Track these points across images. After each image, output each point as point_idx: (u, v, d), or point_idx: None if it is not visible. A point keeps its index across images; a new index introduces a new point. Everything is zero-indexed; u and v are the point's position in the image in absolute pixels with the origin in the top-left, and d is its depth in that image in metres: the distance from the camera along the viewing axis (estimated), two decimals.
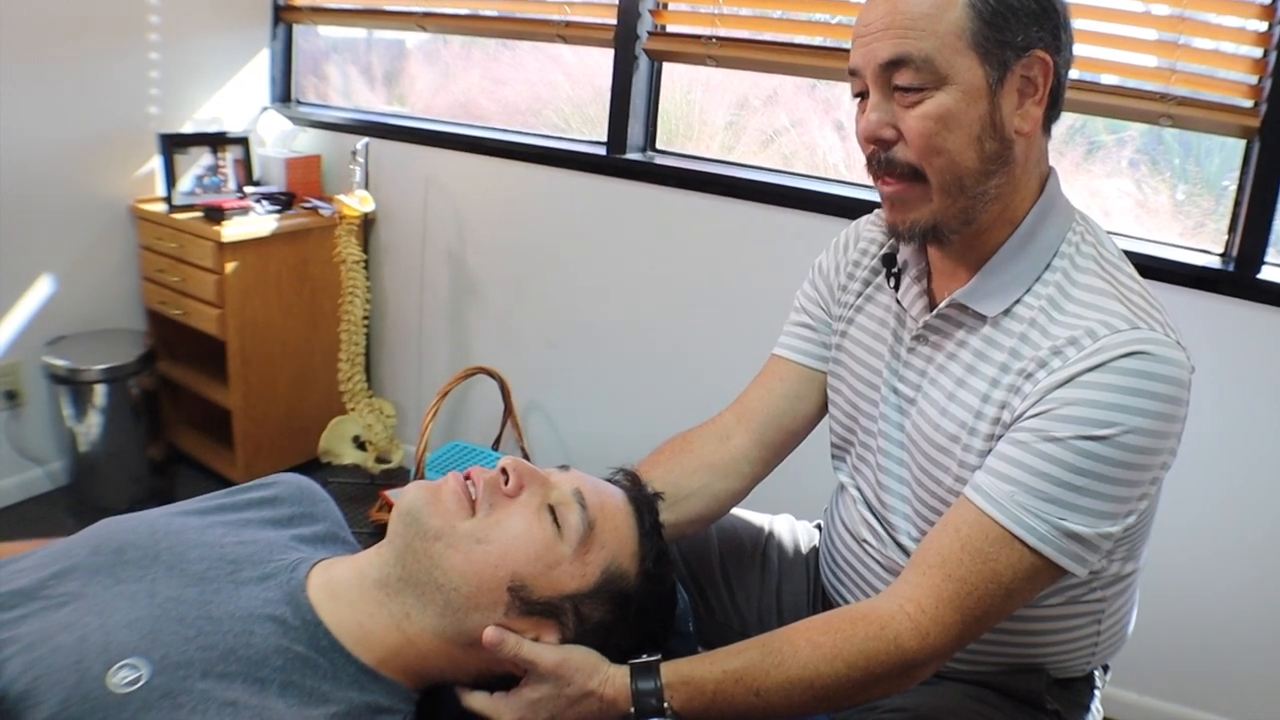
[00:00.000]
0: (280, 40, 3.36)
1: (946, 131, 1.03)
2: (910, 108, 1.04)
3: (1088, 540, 1.01)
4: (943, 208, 1.08)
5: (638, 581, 1.06)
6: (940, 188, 1.06)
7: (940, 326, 1.18)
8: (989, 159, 1.05)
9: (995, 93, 1.03)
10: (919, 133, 1.04)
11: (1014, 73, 1.03)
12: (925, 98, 1.03)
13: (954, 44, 1.01)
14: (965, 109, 1.03)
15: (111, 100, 2.89)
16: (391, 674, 0.98)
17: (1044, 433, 1.01)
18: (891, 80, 1.04)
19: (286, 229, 2.95)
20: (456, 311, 3.13)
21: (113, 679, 0.84)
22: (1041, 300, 1.09)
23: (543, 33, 2.82)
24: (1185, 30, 2.04)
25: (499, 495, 1.02)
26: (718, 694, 1.02)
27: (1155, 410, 0.98)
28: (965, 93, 1.02)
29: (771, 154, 2.80)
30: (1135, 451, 0.99)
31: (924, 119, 1.03)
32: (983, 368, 1.12)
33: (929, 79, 1.02)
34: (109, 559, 0.99)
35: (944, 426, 1.15)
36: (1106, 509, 1.01)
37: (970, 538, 1.03)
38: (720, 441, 1.37)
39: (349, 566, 1.04)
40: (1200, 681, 2.27)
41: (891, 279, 1.27)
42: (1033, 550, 1.01)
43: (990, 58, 1.02)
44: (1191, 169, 2.36)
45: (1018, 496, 1.01)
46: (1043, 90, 1.05)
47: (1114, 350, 1.00)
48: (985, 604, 1.02)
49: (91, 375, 2.74)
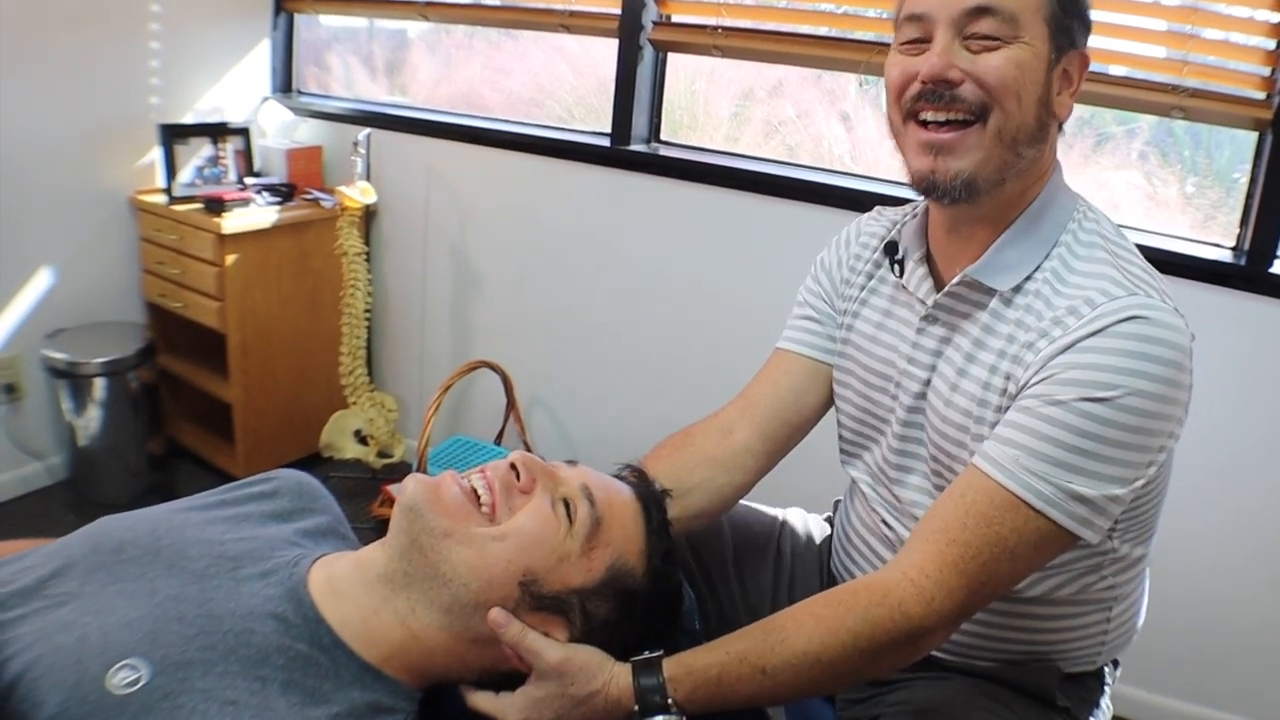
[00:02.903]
0: (281, 30, 3.34)
1: (1024, 80, 1.06)
2: (984, 53, 1.06)
3: (1094, 502, 1.01)
4: (988, 158, 1.09)
5: (644, 579, 1.05)
6: (997, 133, 1.08)
7: (951, 305, 1.19)
8: (1040, 125, 1.09)
9: (1051, 69, 1.08)
10: (1000, 74, 1.06)
11: (1062, 60, 1.09)
12: (1002, 46, 1.06)
13: (1034, 10, 1.05)
14: (1035, 68, 1.07)
15: (111, 90, 2.87)
16: (394, 672, 0.97)
17: (1047, 397, 1.02)
18: (966, 28, 1.06)
19: (287, 221, 2.94)
20: (459, 304, 3.12)
21: (112, 680, 0.84)
22: (1046, 274, 1.11)
23: (546, 22, 2.80)
24: (1196, 21, 2.02)
25: (515, 494, 1.02)
26: (723, 678, 1.02)
27: (1157, 373, 0.99)
28: (1036, 55, 1.06)
29: (776, 145, 2.78)
30: (1139, 414, 0.99)
31: (1007, 62, 1.06)
32: (990, 341, 1.13)
33: (1008, 32, 1.05)
34: (108, 557, 0.99)
35: (958, 403, 1.15)
36: (1112, 472, 1.01)
37: (975, 502, 1.04)
38: (723, 435, 1.36)
39: (351, 562, 1.03)
40: (1212, 678, 2.26)
41: (895, 267, 1.27)
42: (1038, 513, 1.01)
43: (1054, 37, 1.07)
44: (1202, 161, 2.34)
45: (1022, 460, 1.02)
46: (1076, 84, 1.12)
47: (1112, 315, 1.02)
48: (990, 568, 1.02)
49: (91, 368, 2.73)
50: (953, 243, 1.20)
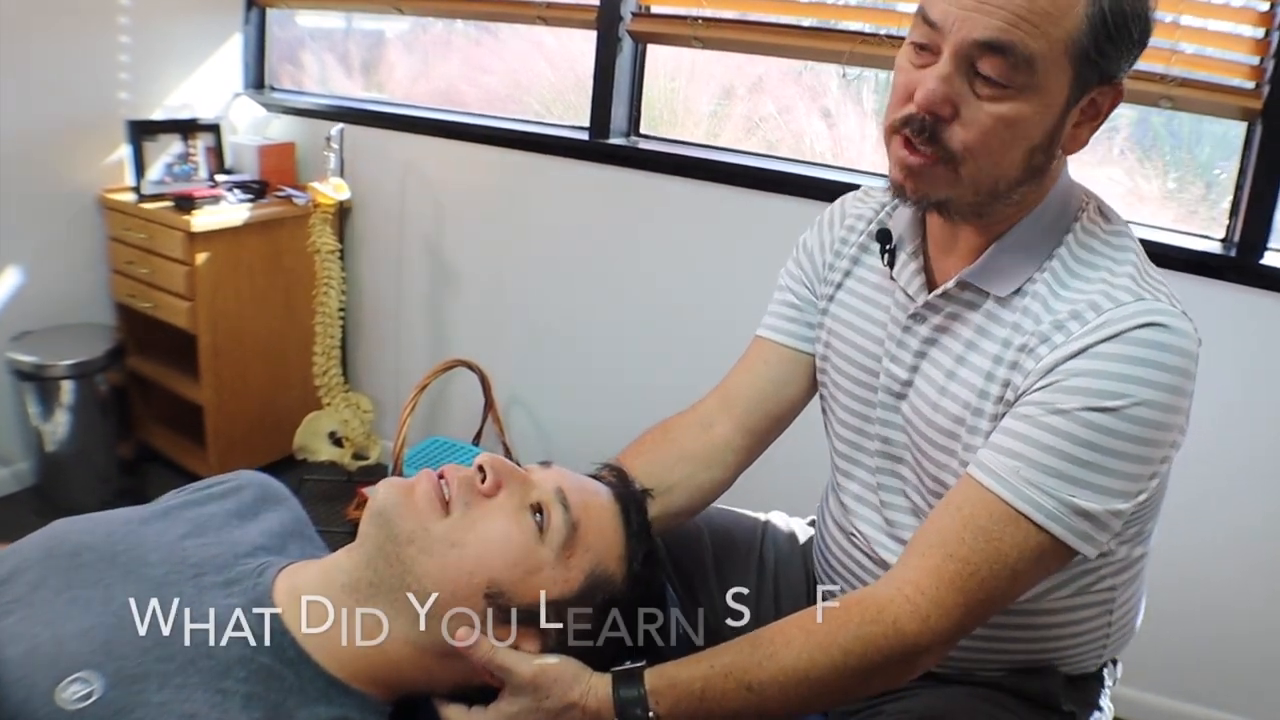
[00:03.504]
0: (253, 24, 3.29)
1: (1011, 139, 0.98)
2: (985, 100, 0.96)
3: (1097, 518, 0.97)
4: (960, 197, 1.03)
5: (624, 585, 1.01)
6: (970, 183, 1.01)
7: (941, 306, 1.14)
8: (1031, 170, 1.02)
9: (1066, 110, 0.99)
10: (982, 130, 0.97)
11: (1089, 95, 0.99)
12: (1006, 96, 0.96)
13: (1060, 52, 0.94)
14: (1037, 121, 0.98)
15: (78, 86, 2.81)
16: (362, 686, 0.94)
17: (1050, 405, 0.98)
18: (976, 61, 0.95)
19: (259, 218, 2.90)
20: (435, 302, 3.08)
21: (62, 695, 0.80)
22: (1045, 275, 1.06)
23: (523, 15, 2.76)
24: (1185, 9, 1.99)
25: (475, 495, 0.98)
26: (706, 693, 0.97)
27: (1165, 382, 0.95)
28: (1045, 105, 0.97)
29: (756, 142, 2.77)
30: (1146, 425, 0.95)
31: (996, 119, 0.97)
32: (984, 345, 1.08)
33: (1021, 80, 0.95)
34: (63, 562, 0.96)
35: (946, 408, 1.10)
36: (1117, 485, 0.97)
37: (973, 516, 0.99)
38: (702, 430, 1.32)
39: (317, 571, 0.99)
40: (1211, 679, 2.25)
41: (885, 256, 1.21)
42: (1040, 528, 0.97)
43: (1080, 77, 0.97)
44: (1184, 156, 2.33)
45: (1023, 472, 0.97)
46: (1103, 117, 1.02)
47: (1127, 321, 0.97)
48: (989, 586, 0.98)
49: (58, 371, 2.68)
50: (949, 239, 1.14)
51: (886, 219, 1.25)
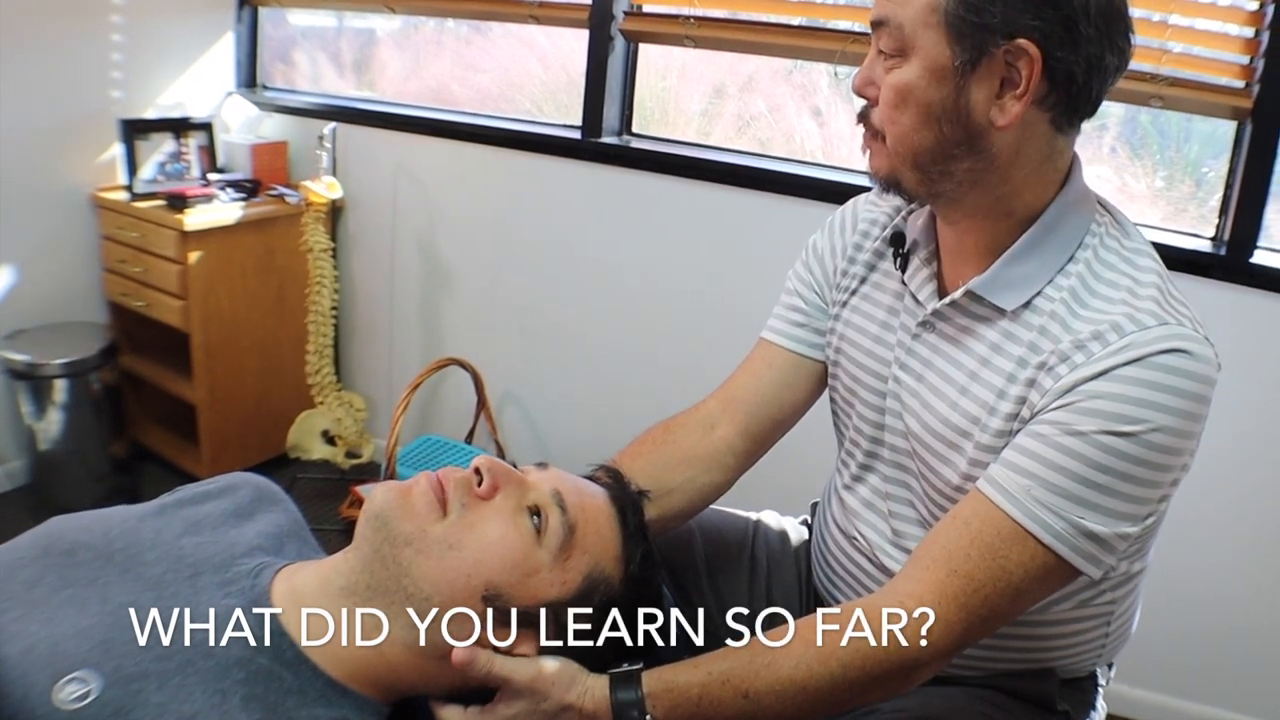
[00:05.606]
0: (245, 24, 3.28)
1: (903, 105, 1.01)
2: (886, 74, 1.02)
3: (1105, 541, 0.97)
4: (897, 170, 1.06)
5: (622, 587, 1.01)
6: (897, 156, 1.05)
7: (951, 315, 1.13)
8: (950, 143, 1.01)
9: (963, 76, 0.97)
10: (885, 101, 1.03)
11: (994, 59, 0.96)
12: (894, 66, 1.01)
13: (925, 17, 0.97)
14: (924, 87, 0.99)
15: (71, 84, 2.80)
16: (360, 688, 0.93)
17: (1066, 426, 0.97)
18: (879, 42, 1.03)
19: (252, 217, 2.89)
20: (428, 301, 3.08)
21: (59, 694, 0.80)
22: (1063, 292, 1.04)
23: (515, 14, 2.75)
24: (1175, 9, 2.00)
25: (472, 497, 0.97)
26: (703, 699, 0.97)
27: (1183, 409, 0.94)
28: (927, 70, 0.98)
29: (748, 140, 2.77)
30: (1160, 451, 0.95)
31: (888, 87, 1.02)
32: (998, 361, 1.07)
33: (898, 47, 1.00)
34: (59, 560, 0.95)
35: (954, 421, 1.10)
36: (1126, 509, 0.97)
37: (981, 532, 0.99)
38: (704, 432, 1.32)
39: (314, 573, 0.99)
40: (1212, 676, 2.26)
41: (898, 259, 1.21)
42: (1046, 548, 0.96)
43: (963, 39, 0.96)
44: (1172, 154, 2.34)
45: (1034, 491, 0.97)
46: (1025, 85, 0.96)
47: (1150, 346, 0.95)
48: (992, 603, 0.98)
49: (51, 370, 2.68)
50: (958, 245, 1.13)
51: (901, 223, 1.24)
